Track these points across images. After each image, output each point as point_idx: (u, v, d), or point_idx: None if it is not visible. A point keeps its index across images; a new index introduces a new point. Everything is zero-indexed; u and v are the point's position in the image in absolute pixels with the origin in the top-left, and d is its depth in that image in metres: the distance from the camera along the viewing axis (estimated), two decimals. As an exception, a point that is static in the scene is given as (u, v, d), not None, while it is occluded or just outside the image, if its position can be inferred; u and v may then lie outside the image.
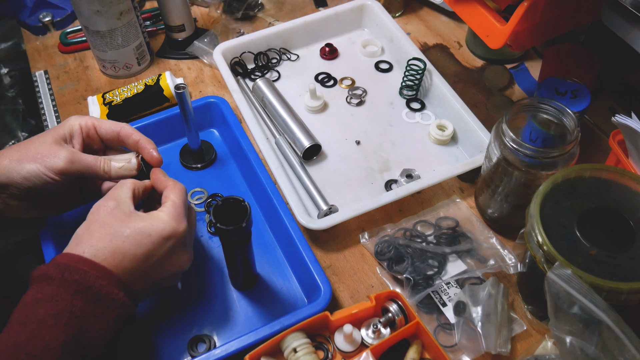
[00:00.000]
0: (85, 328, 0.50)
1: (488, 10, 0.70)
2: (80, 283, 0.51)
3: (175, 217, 0.57)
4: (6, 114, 0.98)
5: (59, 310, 0.49)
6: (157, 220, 0.56)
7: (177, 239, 0.57)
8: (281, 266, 0.71)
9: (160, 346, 0.65)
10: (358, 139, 0.84)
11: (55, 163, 0.59)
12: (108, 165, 0.62)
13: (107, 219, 0.55)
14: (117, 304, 0.52)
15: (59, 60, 0.98)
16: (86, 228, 0.55)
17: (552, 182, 0.60)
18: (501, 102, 0.90)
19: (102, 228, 0.54)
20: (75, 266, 0.51)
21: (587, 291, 0.51)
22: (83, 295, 0.51)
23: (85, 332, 0.50)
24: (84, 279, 0.51)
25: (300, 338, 0.61)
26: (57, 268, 0.51)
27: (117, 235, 0.54)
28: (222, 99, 0.84)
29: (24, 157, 0.59)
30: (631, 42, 0.64)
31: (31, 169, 0.59)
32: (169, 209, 0.58)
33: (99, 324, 0.51)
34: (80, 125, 0.63)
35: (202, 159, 0.81)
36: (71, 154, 0.60)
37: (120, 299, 0.53)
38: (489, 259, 0.69)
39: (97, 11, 0.84)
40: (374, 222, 0.75)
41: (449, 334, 0.65)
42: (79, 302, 0.50)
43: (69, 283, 0.50)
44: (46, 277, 0.51)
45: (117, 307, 0.52)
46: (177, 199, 0.59)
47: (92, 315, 0.51)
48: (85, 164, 0.61)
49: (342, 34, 0.98)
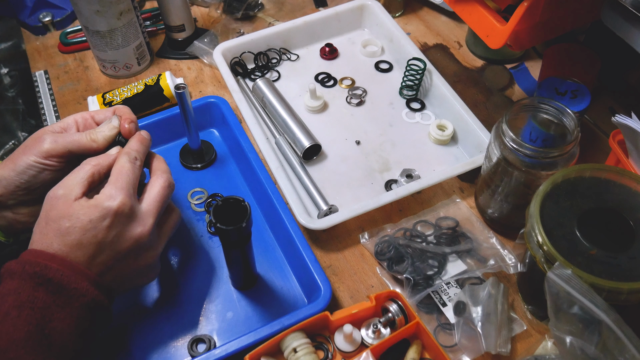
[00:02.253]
0: (48, 318, 0.51)
1: (488, 10, 0.70)
2: (41, 275, 0.52)
3: (109, 194, 0.56)
4: (6, 114, 0.98)
5: (21, 302, 0.50)
6: (95, 203, 0.55)
7: (113, 215, 0.55)
8: (281, 266, 0.71)
9: (160, 346, 0.65)
10: (358, 139, 0.84)
11: (40, 147, 0.60)
12: (94, 133, 0.61)
13: (51, 213, 0.55)
14: (80, 292, 0.53)
15: (59, 60, 0.98)
16: (38, 223, 0.56)
17: (552, 182, 0.60)
18: (501, 102, 0.90)
19: (47, 224, 0.55)
20: (35, 260, 0.52)
21: (587, 291, 0.51)
22: (44, 287, 0.52)
23: (49, 321, 0.51)
24: (44, 271, 0.52)
25: (300, 338, 0.61)
26: (18, 263, 0.53)
27: (60, 230, 0.54)
28: (222, 99, 0.84)
29: (15, 158, 0.60)
30: (631, 42, 0.64)
31: (22, 162, 0.60)
32: (106, 187, 0.57)
33: (62, 313, 0.52)
34: (74, 119, 0.64)
35: (202, 159, 0.81)
36: (55, 135, 0.61)
37: (83, 288, 0.53)
38: (489, 259, 0.69)
39: (97, 11, 0.84)
40: (374, 222, 0.75)
41: (449, 334, 0.65)
42: (40, 294, 0.51)
43: (30, 276, 0.52)
44: (10, 272, 0.53)
45: (80, 295, 0.53)
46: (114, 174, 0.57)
47: (54, 305, 0.52)
48: (71, 139, 0.61)
49: (342, 34, 0.98)
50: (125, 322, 0.66)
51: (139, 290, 0.69)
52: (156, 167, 0.63)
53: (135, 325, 0.66)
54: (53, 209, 0.55)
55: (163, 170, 0.62)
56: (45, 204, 0.56)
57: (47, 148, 0.60)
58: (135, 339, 0.65)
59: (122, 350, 0.65)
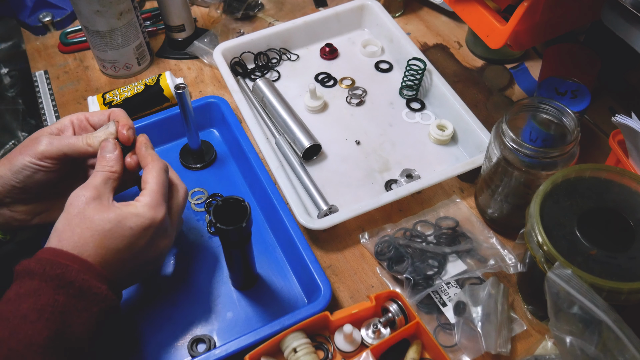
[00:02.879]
0: (68, 322, 0.50)
1: (488, 10, 0.70)
2: (62, 278, 0.51)
3: (153, 205, 0.57)
4: (6, 114, 0.98)
5: (42, 305, 0.49)
6: (136, 210, 0.56)
7: (156, 227, 0.57)
8: (281, 266, 0.71)
9: (160, 346, 0.65)
10: (358, 139, 0.84)
11: (36, 148, 0.60)
12: (90, 138, 0.61)
13: (86, 212, 0.55)
14: (100, 297, 0.52)
15: (59, 60, 0.98)
16: (66, 222, 0.55)
17: (552, 182, 0.60)
18: (501, 102, 0.90)
19: (83, 222, 0.54)
20: (57, 260, 0.52)
21: (587, 291, 0.51)
22: (65, 290, 0.51)
23: (68, 326, 0.50)
24: (65, 274, 0.51)
25: (300, 338, 0.61)
26: (39, 263, 0.51)
27: (99, 230, 0.54)
28: (222, 99, 0.84)
29: (12, 157, 0.61)
30: (631, 42, 0.64)
31: (18, 162, 0.60)
32: (147, 197, 0.57)
33: (81, 317, 0.51)
34: (70, 120, 0.64)
35: (202, 159, 0.81)
36: (51, 137, 0.61)
37: (102, 293, 0.53)
38: (489, 259, 0.69)
39: (97, 11, 0.84)
40: (374, 222, 0.75)
41: (449, 334, 0.65)
42: (61, 297, 0.50)
43: (51, 277, 0.51)
44: (28, 272, 0.51)
45: (100, 301, 0.53)
46: (154, 185, 0.58)
47: (75, 310, 0.51)
48: (67, 142, 0.61)
49: (342, 34, 0.98)
50: (124, 322, 0.66)
51: (139, 291, 0.69)
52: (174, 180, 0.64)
53: (135, 325, 0.66)
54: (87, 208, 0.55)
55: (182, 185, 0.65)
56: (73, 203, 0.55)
57: (42, 150, 0.60)
58: (136, 338, 0.65)
59: (122, 350, 0.65)
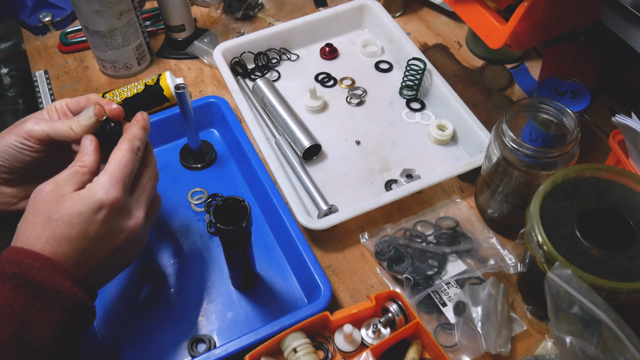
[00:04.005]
0: (28, 323, 0.49)
1: (488, 10, 0.70)
2: (21, 277, 0.49)
3: (104, 186, 0.54)
4: (6, 114, 0.98)
5: (0, 307, 0.48)
6: (87, 194, 0.54)
7: (107, 209, 0.54)
8: (281, 266, 0.71)
9: (160, 346, 0.65)
10: (358, 139, 0.84)
11: (22, 128, 0.59)
12: (73, 122, 0.60)
13: (39, 205, 0.53)
14: (62, 295, 0.50)
15: (59, 60, 0.98)
16: (24, 218, 0.54)
17: (552, 182, 0.60)
18: (501, 102, 0.90)
19: (36, 216, 0.53)
20: (16, 259, 0.50)
21: (587, 291, 0.51)
22: (24, 290, 0.49)
23: (29, 327, 0.48)
24: (24, 272, 0.49)
25: (300, 338, 0.61)
26: None
27: (49, 221, 0.52)
28: (222, 99, 0.84)
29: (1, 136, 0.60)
30: (631, 42, 0.64)
31: (4, 141, 0.59)
32: (101, 178, 0.55)
33: (43, 317, 0.49)
34: (54, 107, 0.63)
35: (202, 159, 0.81)
36: (37, 119, 0.60)
37: (65, 290, 0.51)
38: (489, 259, 0.69)
39: (97, 11, 0.84)
40: (374, 222, 0.75)
41: (449, 334, 0.65)
42: (19, 297, 0.49)
43: (9, 277, 0.49)
44: None
45: (63, 299, 0.50)
46: (111, 165, 0.56)
47: (35, 309, 0.49)
48: (51, 125, 0.59)
49: (342, 34, 0.98)
50: (124, 322, 0.67)
51: (139, 291, 0.69)
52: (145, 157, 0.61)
53: (135, 325, 0.66)
54: (41, 202, 0.53)
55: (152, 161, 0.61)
56: (32, 198, 0.54)
57: (28, 129, 0.59)
58: (136, 339, 0.65)
59: (122, 350, 0.65)
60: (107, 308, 0.68)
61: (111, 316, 0.67)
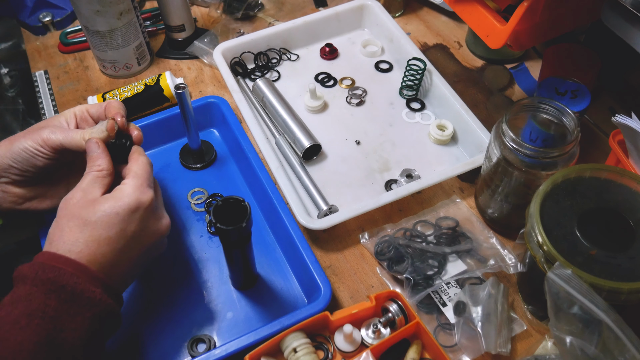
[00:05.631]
0: (59, 328, 0.49)
1: (488, 10, 0.70)
2: (54, 282, 0.50)
3: (137, 187, 0.57)
4: (6, 114, 0.98)
5: (32, 310, 0.49)
6: (121, 195, 0.56)
7: (144, 208, 0.57)
8: (281, 266, 0.71)
9: (160, 346, 0.65)
10: (358, 139, 0.84)
11: (39, 135, 0.61)
12: (87, 133, 0.62)
13: (74, 211, 0.55)
14: (93, 302, 0.52)
15: (59, 60, 0.98)
16: (56, 225, 0.55)
17: (552, 182, 0.60)
18: (501, 102, 0.90)
19: (71, 221, 0.54)
20: (49, 264, 0.51)
21: (587, 291, 0.51)
22: (56, 295, 0.50)
23: (59, 332, 0.49)
24: (58, 277, 0.50)
25: (300, 338, 0.61)
26: (32, 267, 0.51)
27: (86, 224, 0.54)
28: (222, 99, 0.84)
29: (14, 139, 0.61)
30: (631, 42, 0.64)
31: (19, 143, 0.61)
32: (130, 181, 0.58)
33: (73, 323, 0.50)
34: (74, 112, 0.65)
35: (202, 159, 0.81)
36: (54, 128, 0.62)
37: (96, 297, 0.52)
38: (489, 259, 0.69)
39: (97, 11, 0.84)
40: (374, 222, 0.75)
41: (449, 334, 0.65)
42: (52, 302, 0.50)
43: (42, 282, 0.50)
44: (22, 276, 0.51)
45: (93, 306, 0.52)
46: (139, 170, 0.59)
47: (66, 315, 0.50)
48: (66, 134, 0.61)
49: (342, 34, 0.98)
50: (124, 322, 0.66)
51: (139, 291, 0.69)
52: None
53: (135, 325, 0.66)
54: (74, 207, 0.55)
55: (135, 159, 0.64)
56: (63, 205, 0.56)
57: (44, 137, 0.61)
58: (136, 338, 0.65)
59: (121, 350, 0.65)
60: (107, 308, 0.68)
61: (111, 316, 0.67)
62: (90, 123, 0.66)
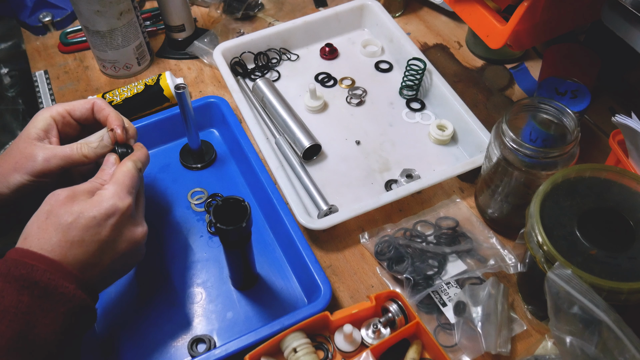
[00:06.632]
0: (32, 324, 0.49)
1: (488, 10, 0.70)
2: (27, 278, 0.50)
3: (116, 193, 0.57)
4: (6, 114, 0.98)
5: (5, 307, 0.49)
6: (100, 200, 0.56)
7: (120, 214, 0.56)
8: (281, 266, 0.71)
9: (160, 346, 0.65)
10: (358, 139, 0.84)
11: (33, 167, 0.60)
12: (86, 149, 0.62)
13: (54, 208, 0.55)
14: (67, 297, 0.51)
15: (59, 60, 0.98)
16: (34, 220, 0.55)
17: (552, 182, 0.60)
18: (501, 102, 0.90)
19: (48, 219, 0.54)
20: (22, 260, 0.51)
21: (587, 291, 0.51)
22: (29, 291, 0.50)
23: (32, 327, 0.49)
24: (30, 274, 0.50)
25: (300, 338, 0.61)
26: (4, 263, 0.51)
27: (62, 224, 0.53)
28: (222, 99, 0.84)
29: (6, 174, 0.60)
30: (631, 42, 0.64)
31: (15, 180, 0.60)
32: (111, 186, 0.57)
33: (47, 318, 0.50)
34: (52, 117, 0.63)
35: (202, 159, 0.81)
36: (46, 152, 0.60)
37: (69, 292, 0.52)
38: (489, 259, 0.69)
39: (97, 11, 0.84)
40: (374, 222, 0.75)
41: (449, 334, 0.65)
42: (25, 298, 0.49)
43: (15, 278, 0.50)
44: None
45: (67, 301, 0.51)
46: (121, 176, 0.59)
47: (39, 310, 0.50)
48: (62, 156, 0.61)
49: (342, 34, 0.98)
50: (124, 322, 0.67)
51: (139, 291, 0.69)
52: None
53: (135, 325, 0.66)
54: (55, 205, 0.55)
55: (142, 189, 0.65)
56: (47, 200, 0.56)
57: (41, 168, 0.60)
58: (136, 338, 0.65)
59: (122, 350, 0.65)
60: (107, 308, 0.68)
61: (111, 316, 0.67)
62: (74, 126, 0.65)
